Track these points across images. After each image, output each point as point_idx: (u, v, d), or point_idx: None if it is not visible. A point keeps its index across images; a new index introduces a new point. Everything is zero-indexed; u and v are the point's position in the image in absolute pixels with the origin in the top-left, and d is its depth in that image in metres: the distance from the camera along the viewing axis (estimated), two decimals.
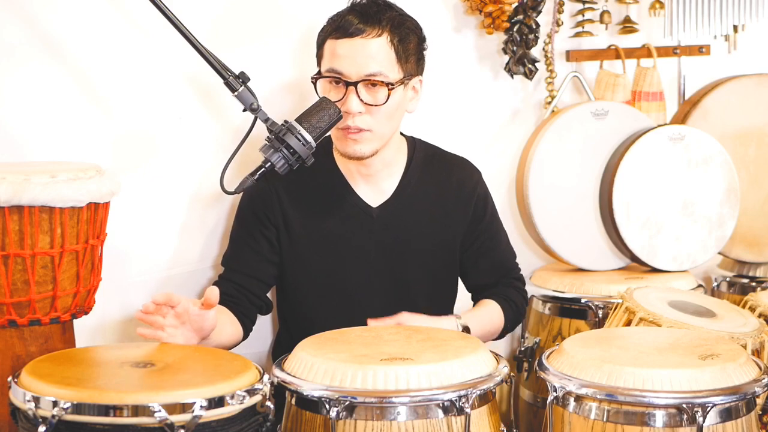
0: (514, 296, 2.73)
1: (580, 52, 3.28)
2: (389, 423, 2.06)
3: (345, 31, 2.46)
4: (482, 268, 2.72)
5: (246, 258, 2.59)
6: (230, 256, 2.63)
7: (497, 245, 2.75)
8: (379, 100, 2.47)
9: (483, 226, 2.70)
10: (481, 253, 2.71)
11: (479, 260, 2.71)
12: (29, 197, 2.13)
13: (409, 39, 2.52)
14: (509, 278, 2.77)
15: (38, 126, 2.54)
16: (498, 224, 2.76)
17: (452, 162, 2.71)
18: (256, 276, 2.59)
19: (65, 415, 1.87)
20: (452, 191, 2.66)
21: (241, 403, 1.95)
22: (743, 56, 3.50)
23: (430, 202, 2.64)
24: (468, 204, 2.68)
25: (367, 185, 2.62)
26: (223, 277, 2.61)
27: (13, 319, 2.18)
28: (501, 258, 2.76)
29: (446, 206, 2.66)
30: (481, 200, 2.71)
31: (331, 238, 2.60)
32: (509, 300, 2.71)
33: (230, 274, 2.59)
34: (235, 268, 2.60)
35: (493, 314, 2.67)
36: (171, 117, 2.71)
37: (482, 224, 2.70)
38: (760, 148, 3.38)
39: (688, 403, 2.06)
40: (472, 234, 2.69)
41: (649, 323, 2.50)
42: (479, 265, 2.72)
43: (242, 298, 2.56)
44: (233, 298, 2.55)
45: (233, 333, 2.50)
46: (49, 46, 2.53)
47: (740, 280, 3.39)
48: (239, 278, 2.58)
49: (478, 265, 2.71)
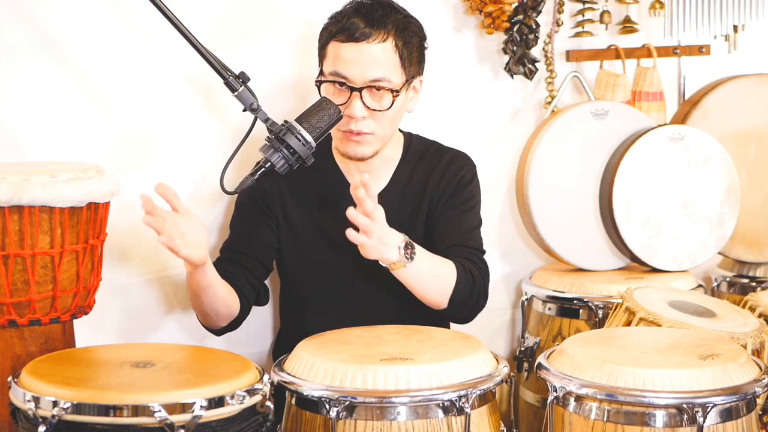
0: (474, 272, 2.53)
1: (580, 52, 3.28)
2: (389, 423, 2.06)
3: (350, 34, 2.45)
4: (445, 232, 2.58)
5: (245, 240, 2.59)
6: (228, 240, 2.63)
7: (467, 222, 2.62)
8: (383, 106, 2.47)
9: (457, 199, 2.61)
10: (448, 218, 2.59)
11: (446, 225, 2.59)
12: (29, 197, 2.13)
13: (412, 42, 2.51)
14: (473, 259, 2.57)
15: (38, 126, 2.54)
16: (473, 205, 2.64)
17: (446, 153, 2.67)
18: (254, 256, 2.57)
19: (65, 415, 1.87)
20: (439, 173, 2.62)
21: (241, 403, 1.95)
22: (743, 56, 3.50)
23: (420, 191, 2.62)
24: (452, 181, 2.61)
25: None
26: (220, 257, 2.59)
27: (13, 319, 2.18)
28: (466, 229, 2.61)
29: (433, 192, 2.62)
30: (465, 181, 2.62)
31: (328, 233, 2.60)
32: (466, 268, 2.51)
33: (227, 253, 2.59)
34: (232, 248, 2.59)
35: (446, 266, 2.47)
36: (171, 117, 2.71)
37: (458, 198, 2.60)
38: (760, 148, 3.38)
39: (688, 403, 2.06)
40: (447, 203, 2.60)
41: (649, 323, 2.50)
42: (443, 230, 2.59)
43: (238, 274, 2.53)
44: (231, 273, 2.51)
45: (229, 294, 2.44)
46: (49, 46, 2.53)
47: (740, 280, 3.39)
48: (236, 257, 2.57)
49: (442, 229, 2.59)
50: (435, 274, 2.43)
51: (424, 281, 2.41)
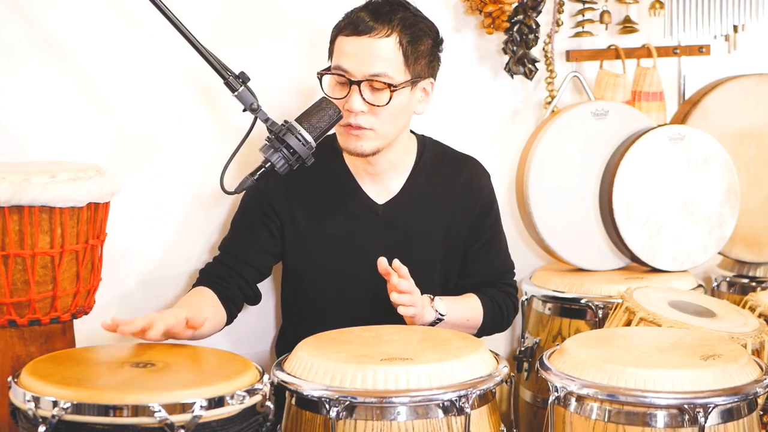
0: (500, 299, 2.70)
1: (580, 52, 3.27)
2: (389, 423, 2.06)
3: (355, 27, 2.46)
4: (476, 270, 2.70)
5: (243, 244, 2.59)
6: (227, 240, 2.63)
7: (496, 250, 2.73)
8: (381, 101, 2.47)
9: (485, 227, 2.69)
10: (479, 255, 2.70)
11: (475, 262, 2.70)
12: (29, 197, 2.13)
13: (421, 40, 2.50)
14: (501, 283, 2.74)
15: (38, 126, 2.54)
16: (499, 229, 2.75)
17: (462, 162, 2.70)
18: (249, 262, 2.58)
19: (65, 415, 1.86)
20: (459, 190, 2.66)
21: (241, 403, 1.94)
22: (743, 56, 3.50)
23: (436, 201, 2.64)
24: (474, 204, 2.67)
25: (374, 184, 2.62)
26: (217, 258, 2.60)
27: (13, 319, 2.18)
28: (497, 263, 2.74)
29: (452, 205, 2.65)
30: (488, 202, 2.70)
31: (336, 234, 2.60)
32: (493, 301, 2.68)
33: (225, 257, 2.59)
34: (229, 251, 2.59)
35: (473, 308, 2.64)
36: (171, 117, 2.71)
37: (484, 226, 2.69)
38: (760, 148, 3.38)
39: (689, 403, 2.06)
40: (473, 235, 2.68)
41: (649, 323, 2.50)
42: (474, 266, 2.70)
43: (231, 282, 2.55)
44: (223, 281, 2.54)
45: (213, 327, 2.47)
46: (49, 46, 2.53)
47: (740, 280, 3.39)
48: (232, 262, 2.57)
49: (473, 266, 2.70)
50: (465, 318, 2.60)
51: (454, 327, 2.51)
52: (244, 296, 2.59)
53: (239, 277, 2.56)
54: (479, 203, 2.68)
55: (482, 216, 2.68)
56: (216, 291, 2.52)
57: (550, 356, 2.26)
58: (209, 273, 2.57)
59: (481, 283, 2.71)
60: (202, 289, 2.52)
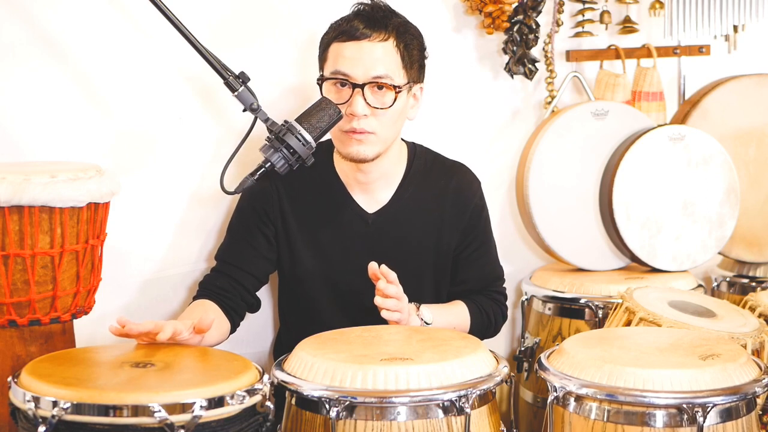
0: (488, 306, 2.70)
1: (580, 52, 3.28)
2: (389, 423, 2.06)
3: (351, 35, 2.46)
4: (466, 277, 2.69)
5: (242, 252, 2.59)
6: (226, 249, 2.62)
7: (485, 257, 2.72)
8: (385, 103, 2.47)
9: (475, 235, 2.69)
10: (469, 262, 2.69)
11: (465, 269, 2.69)
12: (29, 197, 2.13)
13: (413, 45, 2.52)
14: (490, 291, 2.73)
15: (38, 126, 2.54)
16: (489, 236, 2.74)
17: (452, 169, 2.70)
18: (250, 271, 2.58)
19: (65, 415, 1.86)
20: (449, 198, 2.66)
21: (241, 403, 1.94)
22: (743, 56, 3.50)
23: (426, 209, 2.64)
24: (464, 212, 2.67)
25: (364, 194, 2.62)
26: (217, 269, 2.60)
27: (13, 319, 2.18)
28: (487, 270, 2.73)
29: (442, 213, 2.65)
30: (477, 209, 2.69)
31: (327, 243, 2.60)
32: (481, 308, 2.67)
33: (224, 266, 2.59)
34: (229, 261, 2.59)
35: (459, 315, 2.64)
36: (171, 117, 2.71)
37: (474, 233, 2.68)
38: (760, 148, 3.38)
39: (688, 403, 2.06)
40: (463, 242, 2.68)
41: (649, 323, 2.50)
42: (464, 273, 2.69)
43: (234, 293, 2.56)
44: (226, 292, 2.55)
45: (219, 337, 2.48)
46: (49, 46, 2.53)
47: (740, 280, 3.39)
48: (233, 272, 2.57)
49: (462, 273, 2.69)
50: (451, 325, 2.58)
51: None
52: (246, 305, 2.60)
53: (240, 287, 2.57)
54: (469, 211, 2.67)
55: (472, 223, 2.68)
56: (218, 302, 2.52)
57: (548, 356, 2.26)
58: (210, 285, 2.57)
59: (471, 290, 2.70)
60: (204, 301, 2.51)
